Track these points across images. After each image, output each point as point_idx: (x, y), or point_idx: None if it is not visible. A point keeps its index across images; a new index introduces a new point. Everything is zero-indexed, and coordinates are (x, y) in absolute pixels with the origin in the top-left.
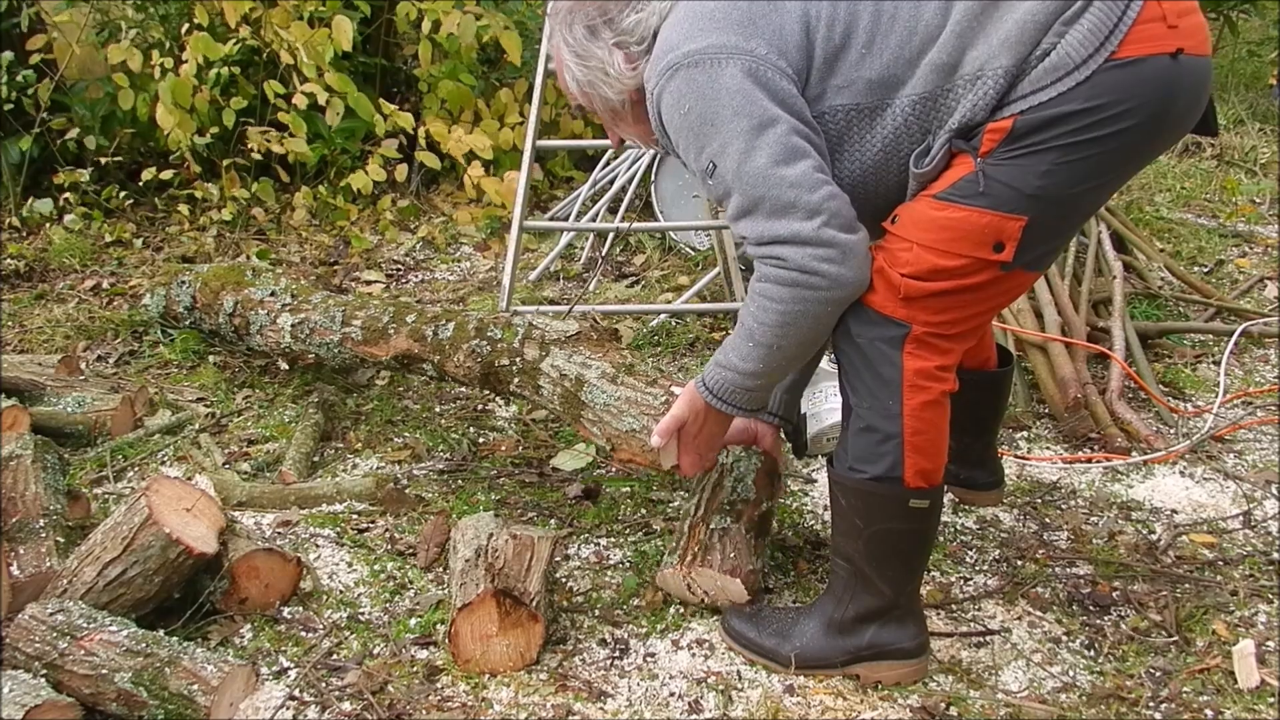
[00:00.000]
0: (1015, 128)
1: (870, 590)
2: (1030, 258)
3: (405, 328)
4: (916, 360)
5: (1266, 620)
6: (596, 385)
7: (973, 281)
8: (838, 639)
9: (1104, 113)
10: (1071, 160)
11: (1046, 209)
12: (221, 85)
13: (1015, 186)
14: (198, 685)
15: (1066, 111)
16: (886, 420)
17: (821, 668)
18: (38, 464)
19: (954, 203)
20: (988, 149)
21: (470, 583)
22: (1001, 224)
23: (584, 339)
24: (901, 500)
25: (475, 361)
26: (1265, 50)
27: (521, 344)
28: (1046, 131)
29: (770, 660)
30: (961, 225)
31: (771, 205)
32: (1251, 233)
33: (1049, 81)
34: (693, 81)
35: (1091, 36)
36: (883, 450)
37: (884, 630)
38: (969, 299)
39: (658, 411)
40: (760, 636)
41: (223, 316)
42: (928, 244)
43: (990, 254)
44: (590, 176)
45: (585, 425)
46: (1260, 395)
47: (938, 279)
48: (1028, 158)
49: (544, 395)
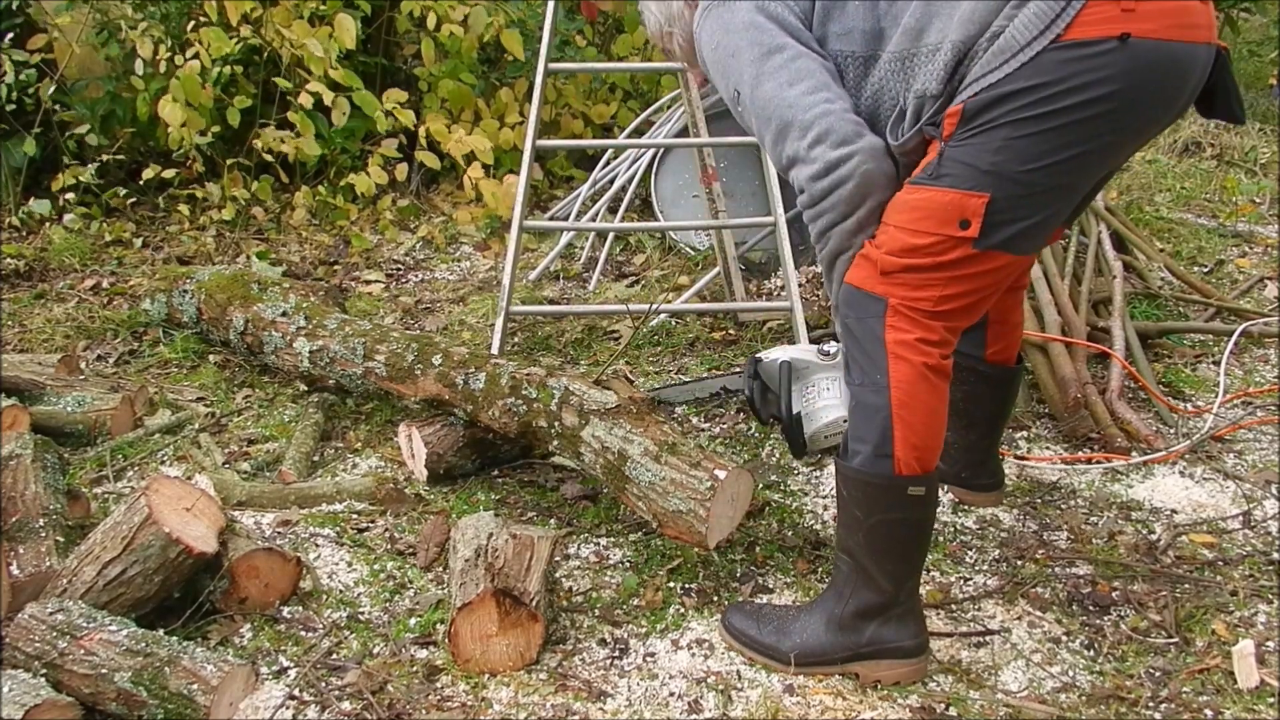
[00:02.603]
0: (966, 110)
1: (871, 586)
2: (1002, 237)
3: (433, 370)
4: (895, 332)
5: (1266, 620)
6: (640, 462)
7: (947, 259)
8: (838, 635)
9: (1048, 90)
10: (1021, 136)
11: (1005, 185)
12: (223, 84)
13: (972, 164)
14: (197, 685)
15: (1011, 90)
16: (876, 393)
17: (821, 665)
18: (37, 463)
19: (922, 185)
20: (949, 132)
21: (470, 582)
22: (964, 201)
23: (623, 412)
24: (899, 488)
25: (511, 419)
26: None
27: (559, 408)
28: (994, 110)
29: (770, 658)
30: (927, 204)
31: (778, 127)
32: (1251, 233)
33: (998, 64)
34: (719, 20)
35: (1037, 19)
36: (874, 423)
37: (884, 628)
38: (947, 277)
39: (703, 496)
40: (760, 634)
41: (233, 334)
42: (901, 224)
43: (957, 230)
44: (590, 176)
45: (630, 498)
46: (1260, 395)
47: (912, 255)
48: (981, 136)
49: (585, 462)
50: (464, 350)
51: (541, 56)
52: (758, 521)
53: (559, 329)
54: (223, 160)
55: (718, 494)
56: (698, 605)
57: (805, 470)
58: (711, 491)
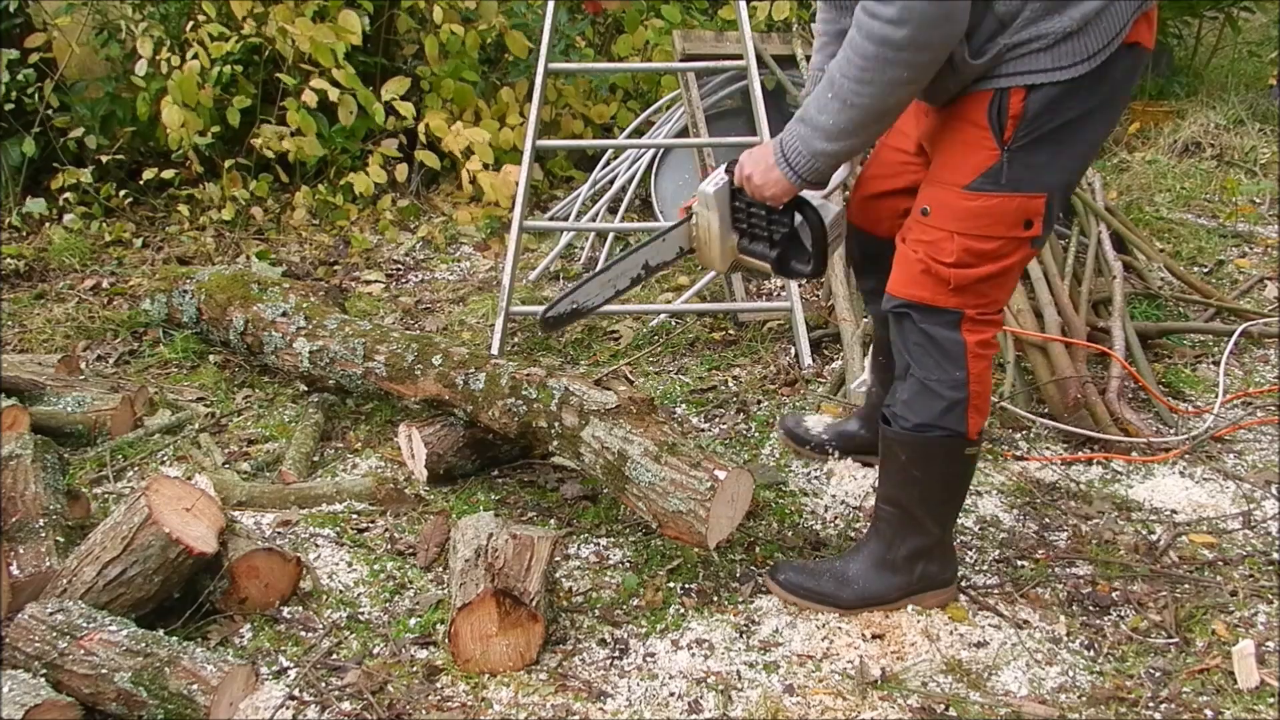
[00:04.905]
0: (1028, 108)
1: (920, 531)
2: (1047, 232)
3: (433, 370)
4: (975, 334)
5: (1266, 620)
6: (640, 463)
7: (1012, 260)
8: (893, 577)
9: (1106, 94)
10: (1078, 136)
11: (1058, 184)
12: (223, 84)
13: (1034, 165)
14: (197, 685)
15: (1075, 90)
16: (953, 388)
17: (880, 604)
18: (37, 464)
19: (983, 192)
20: (1009, 134)
21: (470, 583)
22: (1027, 203)
23: (623, 412)
24: (960, 449)
25: (511, 419)
26: (1265, 50)
27: (559, 409)
28: (1057, 109)
29: (832, 605)
30: (994, 211)
31: None
32: (1251, 233)
33: (1067, 63)
34: None
35: (1114, 21)
36: (953, 412)
37: (930, 564)
38: (1007, 280)
39: (703, 496)
40: (819, 584)
41: (233, 334)
42: (966, 231)
43: (1022, 231)
44: (590, 176)
45: (630, 499)
46: (1260, 395)
47: (981, 264)
48: (1043, 137)
49: (585, 463)
50: (464, 350)
51: (542, 56)
52: (758, 521)
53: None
54: (222, 160)
55: (718, 494)
56: (698, 605)
57: (804, 470)
58: (711, 492)
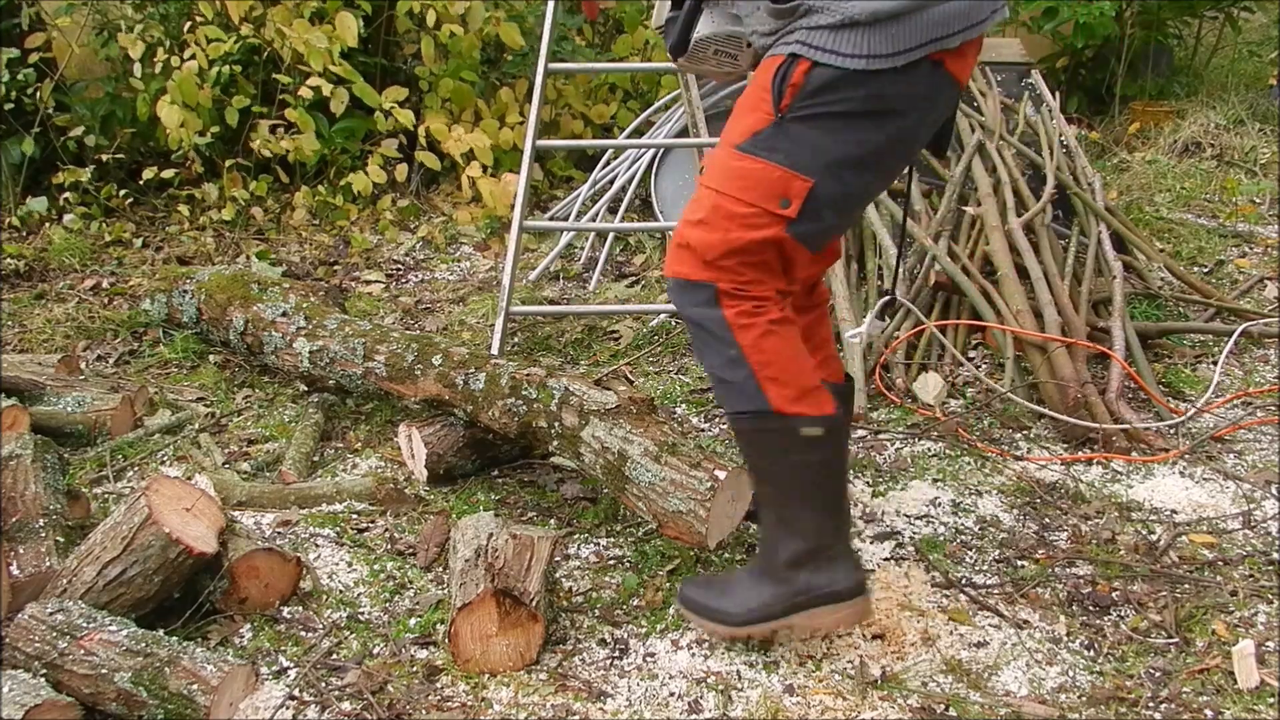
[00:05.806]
0: (810, 80)
1: (794, 533)
2: (810, 229)
3: (433, 370)
4: (733, 307)
5: (1266, 620)
6: (640, 463)
7: (758, 236)
8: (774, 588)
9: (894, 100)
10: (849, 132)
11: (829, 180)
12: (222, 84)
13: (805, 145)
14: (197, 685)
15: (863, 79)
16: (733, 366)
17: (766, 620)
18: (37, 464)
19: (749, 154)
20: (787, 101)
21: (470, 582)
22: (789, 180)
23: (623, 412)
24: (790, 431)
25: (511, 419)
26: (1265, 50)
27: (559, 409)
28: (835, 92)
29: (720, 622)
30: (754, 175)
31: None
32: (1251, 233)
33: (874, 50)
34: None
35: (929, 29)
36: (746, 391)
37: (817, 574)
38: (760, 259)
39: (704, 496)
40: (708, 599)
41: (233, 334)
42: (724, 189)
43: (778, 207)
44: (590, 176)
45: (630, 499)
46: (1260, 395)
47: (730, 227)
48: (818, 119)
49: (585, 463)
50: (464, 350)
51: (541, 56)
52: None
53: (559, 329)
54: (222, 160)
55: (718, 494)
56: None
57: None
58: (711, 492)
